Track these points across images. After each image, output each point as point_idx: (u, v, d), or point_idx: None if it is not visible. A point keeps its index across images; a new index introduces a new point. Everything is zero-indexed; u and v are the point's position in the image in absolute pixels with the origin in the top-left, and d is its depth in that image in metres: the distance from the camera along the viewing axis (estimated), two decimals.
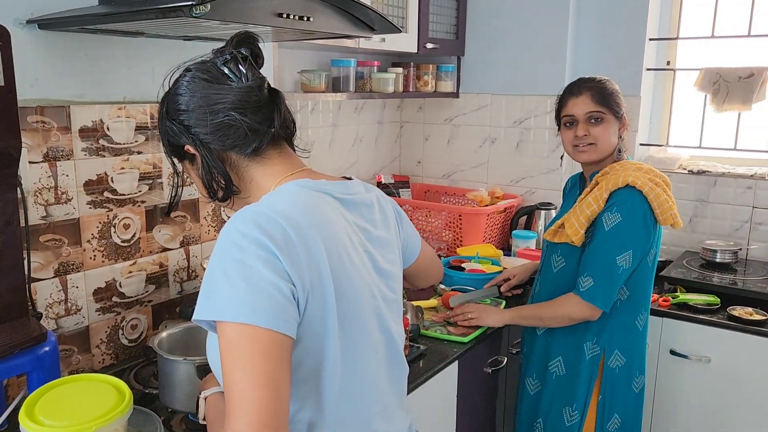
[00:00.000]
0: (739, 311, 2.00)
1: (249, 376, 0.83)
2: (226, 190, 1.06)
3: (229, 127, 0.99)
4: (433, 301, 2.02)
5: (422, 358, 1.68)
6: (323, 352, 0.94)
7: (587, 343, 1.71)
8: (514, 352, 2.03)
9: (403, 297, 2.05)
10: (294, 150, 1.14)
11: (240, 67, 1.01)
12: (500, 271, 2.19)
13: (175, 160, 1.08)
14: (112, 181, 1.55)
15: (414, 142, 3.11)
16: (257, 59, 1.05)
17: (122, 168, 1.57)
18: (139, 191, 1.61)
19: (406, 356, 1.63)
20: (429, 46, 2.58)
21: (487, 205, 2.66)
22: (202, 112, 1.00)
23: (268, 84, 1.05)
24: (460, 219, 2.56)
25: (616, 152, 1.73)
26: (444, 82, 2.84)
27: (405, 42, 2.48)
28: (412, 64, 2.67)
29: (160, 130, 1.06)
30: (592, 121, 1.70)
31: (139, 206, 1.61)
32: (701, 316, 2.02)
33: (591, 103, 1.70)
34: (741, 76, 2.41)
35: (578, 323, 1.69)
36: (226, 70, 1.01)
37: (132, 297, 1.62)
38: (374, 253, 1.07)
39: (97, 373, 1.53)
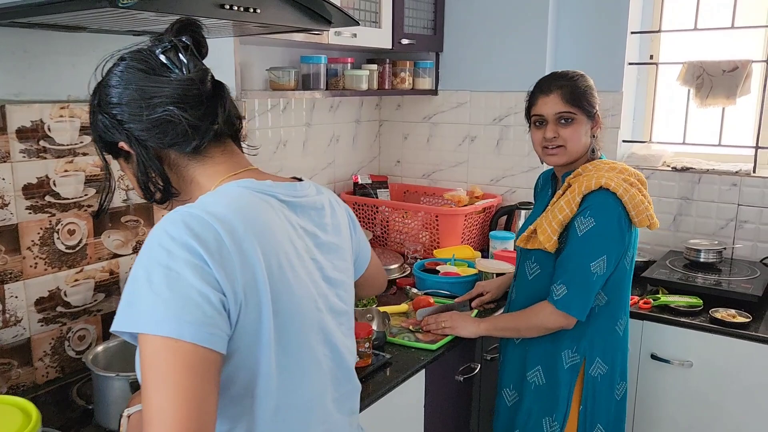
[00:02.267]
0: (721, 313, 1.92)
1: (170, 394, 0.75)
2: (164, 192, 0.98)
3: (168, 123, 0.91)
4: (403, 306, 1.94)
5: (387, 367, 1.60)
6: (257, 368, 0.87)
7: (566, 351, 1.64)
8: (488, 358, 1.95)
9: (372, 302, 1.98)
10: (241, 148, 1.06)
11: (180, 56, 0.93)
12: (476, 275, 2.11)
13: (108, 158, 1.00)
14: (54, 184, 1.47)
15: (393, 141, 3.03)
16: (200, 49, 0.97)
17: (66, 171, 1.49)
18: (86, 195, 1.53)
19: (369, 365, 1.58)
20: (404, 42, 2.50)
21: (465, 205, 2.59)
22: (137, 105, 0.92)
23: (212, 76, 0.97)
24: (437, 220, 2.48)
25: (590, 152, 1.65)
26: (422, 79, 2.76)
27: (379, 38, 2.40)
28: (387, 60, 2.60)
29: (91, 123, 0.97)
30: (562, 122, 1.61)
31: (85, 210, 1.53)
32: (683, 319, 1.94)
33: (561, 102, 1.61)
34: (725, 70, 2.33)
35: (558, 331, 1.61)
36: (164, 60, 0.93)
37: (79, 306, 1.54)
38: (322, 261, 1.00)
39: (40, 387, 1.46)
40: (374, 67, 2.51)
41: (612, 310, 1.63)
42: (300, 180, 1.04)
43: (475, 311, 1.90)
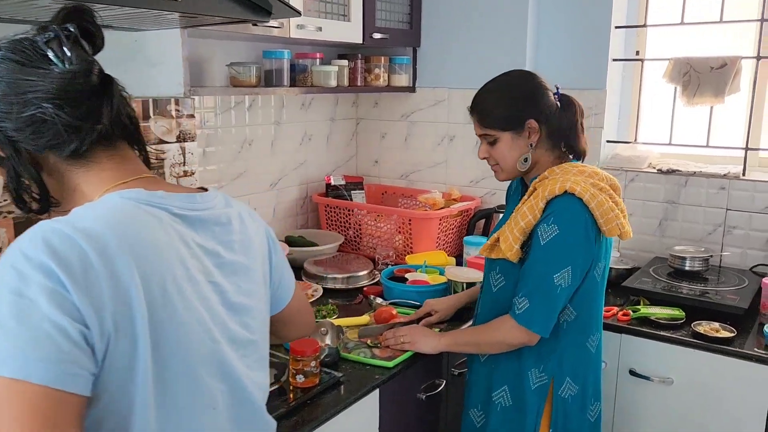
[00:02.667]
0: (704, 327, 1.80)
1: None
2: (41, 201, 0.87)
3: (42, 122, 0.80)
4: (364, 318, 1.82)
5: (338, 387, 1.48)
6: (131, 410, 0.75)
7: (532, 370, 1.51)
8: (456, 373, 1.83)
9: (332, 313, 1.86)
10: (142, 152, 0.94)
11: (64, 48, 0.81)
12: (445, 284, 1.99)
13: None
14: None
15: (370, 140, 2.91)
16: (93, 39, 0.85)
17: None
18: (5, 200, 1.41)
19: (316, 386, 1.46)
20: (376, 36, 2.37)
21: (441, 208, 2.46)
22: (7, 102, 0.81)
23: (100, 70, 0.85)
24: (410, 224, 2.36)
25: (521, 162, 1.50)
26: (398, 75, 2.64)
27: (348, 32, 2.28)
28: (359, 56, 2.47)
29: None
30: (488, 142, 1.53)
31: (5, 217, 1.42)
32: (663, 333, 1.82)
33: (478, 125, 1.54)
34: (713, 67, 2.20)
35: (521, 348, 1.49)
36: (46, 51, 0.81)
37: None
38: (224, 284, 0.87)
39: None
40: (344, 62, 2.39)
41: (582, 325, 1.50)
42: (205, 190, 0.92)
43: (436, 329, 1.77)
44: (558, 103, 1.52)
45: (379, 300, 1.95)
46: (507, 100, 1.50)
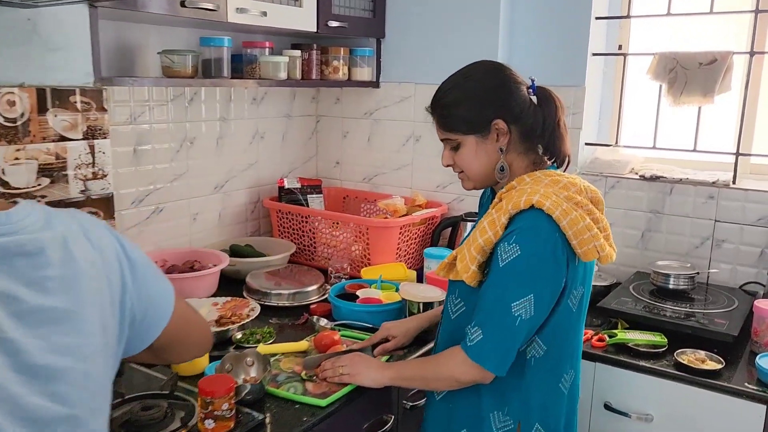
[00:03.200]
0: (688, 357, 1.58)
1: None
2: None
3: None
4: (303, 344, 1.58)
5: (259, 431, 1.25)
6: None
7: (495, 413, 1.28)
8: (408, 407, 1.60)
9: (269, 336, 1.63)
10: None
11: None
12: (401, 302, 1.76)
13: None
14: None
15: (331, 139, 2.68)
16: None
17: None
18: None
19: (231, 430, 1.23)
20: (333, 24, 2.14)
21: (404, 215, 2.24)
22: None
23: None
24: (368, 233, 2.13)
25: (497, 170, 1.29)
26: (360, 68, 2.41)
27: (299, 18, 2.04)
28: (314, 46, 2.24)
29: None
30: (451, 147, 1.32)
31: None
32: (642, 363, 1.60)
33: (439, 129, 1.33)
34: (702, 62, 1.99)
35: (480, 385, 1.26)
36: None
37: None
38: (20, 340, 0.64)
39: None
40: (296, 53, 2.15)
41: (553, 362, 1.27)
42: (15, 203, 0.68)
43: (386, 357, 1.54)
44: (533, 98, 1.29)
45: (323, 321, 1.72)
46: (469, 98, 1.27)
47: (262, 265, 2.11)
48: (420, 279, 2.08)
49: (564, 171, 1.33)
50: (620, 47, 2.24)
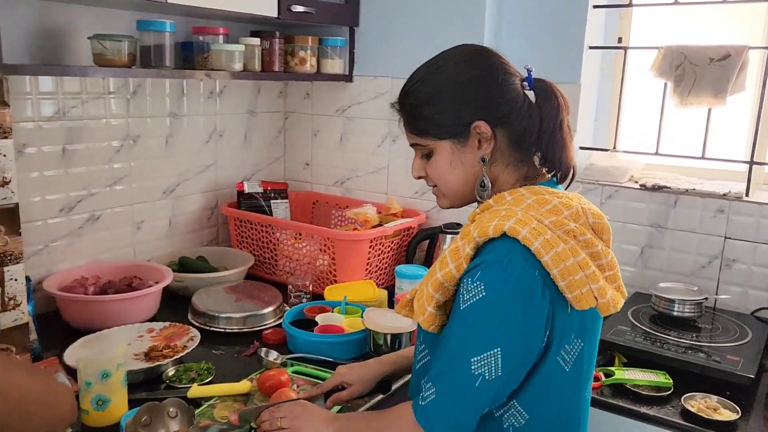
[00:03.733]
0: (698, 404, 1.35)
1: None
2: None
3: None
4: (244, 385, 1.33)
5: None
6: None
7: None
8: None
9: (207, 373, 1.38)
10: None
11: None
12: (364, 333, 1.52)
13: None
14: None
15: (301, 138, 2.43)
16: None
17: None
18: None
19: None
20: (297, 9, 1.89)
21: (376, 226, 1.99)
22: None
23: None
24: (334, 246, 1.88)
25: (477, 186, 1.03)
26: (331, 60, 2.16)
27: (255, 1, 1.79)
28: (277, 34, 1.98)
29: None
30: (423, 155, 1.07)
31: None
32: (644, 409, 1.37)
33: (407, 131, 1.08)
34: (713, 58, 1.75)
35: None
36: None
37: None
38: None
39: None
40: (255, 41, 1.90)
41: None
42: None
43: (338, 407, 1.29)
44: (528, 93, 1.03)
45: (273, 355, 1.47)
46: (443, 93, 1.02)
47: (214, 281, 1.86)
48: (391, 300, 1.84)
49: (566, 187, 1.08)
50: (620, 40, 2.00)
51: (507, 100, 1.01)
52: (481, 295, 0.91)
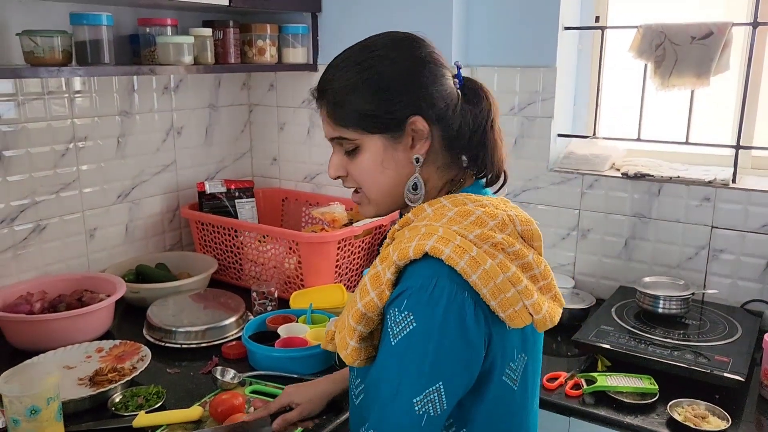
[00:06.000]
0: (685, 412, 1.26)
1: None
2: None
3: None
4: (194, 411, 1.23)
5: None
6: None
7: None
8: None
9: (159, 397, 1.27)
10: None
11: None
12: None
13: None
14: None
15: (267, 132, 2.31)
16: None
17: None
18: None
19: None
20: None
21: (345, 225, 1.88)
22: None
23: None
24: (299, 249, 1.77)
25: (409, 189, 0.92)
26: (293, 49, 2.03)
27: None
28: (231, 23, 1.85)
29: None
30: (346, 152, 0.93)
31: None
32: (628, 419, 1.28)
33: (328, 121, 0.93)
34: (695, 37, 1.64)
35: None
36: None
37: None
38: None
39: None
40: (207, 32, 1.77)
41: None
42: None
43: (299, 430, 1.18)
44: (459, 91, 0.93)
45: (229, 375, 1.36)
46: (376, 81, 0.89)
47: (172, 290, 1.74)
48: None
49: (496, 192, 0.98)
50: (597, 19, 1.88)
51: (443, 96, 0.90)
52: (411, 327, 0.81)
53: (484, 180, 0.96)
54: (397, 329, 0.82)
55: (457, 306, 0.81)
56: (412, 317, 0.81)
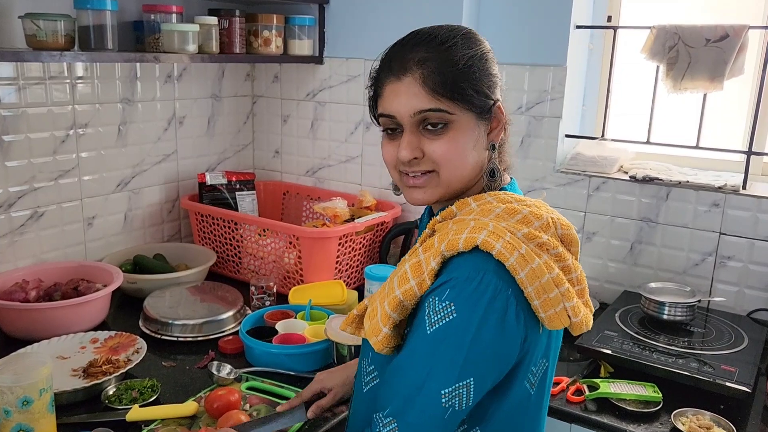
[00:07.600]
0: (690, 422, 1.24)
1: None
2: None
3: None
4: (189, 406, 1.20)
5: None
6: None
7: None
8: None
9: (154, 390, 1.24)
10: None
11: None
12: (327, 342, 1.39)
13: None
14: None
15: (270, 124, 2.28)
16: None
17: None
18: None
19: None
20: None
21: (347, 221, 1.86)
22: None
23: None
24: (299, 244, 1.74)
25: (486, 176, 0.90)
26: (299, 41, 2.00)
27: None
28: (236, 13, 1.82)
29: None
30: (429, 127, 0.86)
31: None
32: (631, 427, 1.25)
33: (422, 91, 0.83)
34: (709, 39, 1.61)
35: None
36: None
37: None
38: None
39: None
40: (212, 20, 1.74)
41: None
42: None
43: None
44: None
45: (226, 370, 1.33)
46: (485, 63, 0.87)
47: (170, 282, 1.72)
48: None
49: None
50: (610, 19, 1.85)
51: (501, 88, 0.91)
52: (450, 317, 0.78)
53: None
54: (435, 318, 0.79)
55: (501, 302, 0.78)
56: (453, 307, 0.78)
